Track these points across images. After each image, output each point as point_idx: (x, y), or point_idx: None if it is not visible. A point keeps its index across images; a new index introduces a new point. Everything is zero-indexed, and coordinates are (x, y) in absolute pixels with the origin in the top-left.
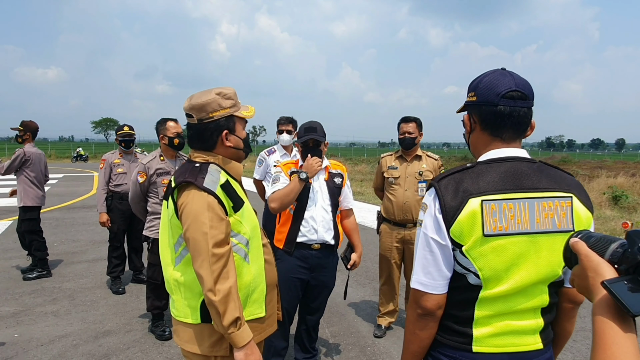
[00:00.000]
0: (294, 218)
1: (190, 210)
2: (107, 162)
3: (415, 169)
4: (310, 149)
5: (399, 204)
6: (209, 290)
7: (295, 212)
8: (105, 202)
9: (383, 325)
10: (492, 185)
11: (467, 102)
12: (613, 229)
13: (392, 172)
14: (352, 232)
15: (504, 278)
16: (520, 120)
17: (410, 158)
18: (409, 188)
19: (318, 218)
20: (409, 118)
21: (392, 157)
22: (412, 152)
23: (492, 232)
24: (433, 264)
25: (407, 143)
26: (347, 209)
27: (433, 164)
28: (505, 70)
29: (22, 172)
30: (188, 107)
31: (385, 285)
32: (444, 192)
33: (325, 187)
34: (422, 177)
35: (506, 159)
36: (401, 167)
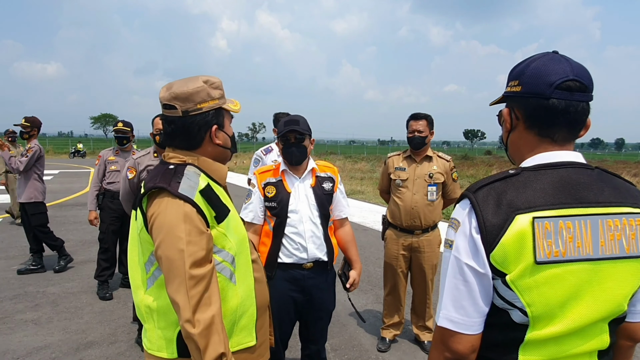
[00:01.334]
0: (274, 235)
1: (163, 222)
2: (102, 158)
3: (425, 170)
4: (292, 145)
5: (407, 209)
6: (186, 321)
7: (275, 228)
8: (97, 199)
9: (387, 338)
10: (544, 198)
11: (508, 93)
12: None
13: (400, 174)
14: (349, 245)
15: (558, 315)
16: (577, 117)
17: (419, 159)
18: (417, 191)
19: (307, 233)
20: (419, 115)
21: (400, 158)
22: (421, 152)
23: (546, 258)
24: (467, 297)
25: (417, 142)
26: (340, 219)
27: (444, 166)
28: (558, 54)
29: (33, 168)
30: (169, 97)
31: (390, 295)
32: (483, 206)
33: (312, 195)
34: (432, 179)
35: (559, 165)
36: (409, 168)
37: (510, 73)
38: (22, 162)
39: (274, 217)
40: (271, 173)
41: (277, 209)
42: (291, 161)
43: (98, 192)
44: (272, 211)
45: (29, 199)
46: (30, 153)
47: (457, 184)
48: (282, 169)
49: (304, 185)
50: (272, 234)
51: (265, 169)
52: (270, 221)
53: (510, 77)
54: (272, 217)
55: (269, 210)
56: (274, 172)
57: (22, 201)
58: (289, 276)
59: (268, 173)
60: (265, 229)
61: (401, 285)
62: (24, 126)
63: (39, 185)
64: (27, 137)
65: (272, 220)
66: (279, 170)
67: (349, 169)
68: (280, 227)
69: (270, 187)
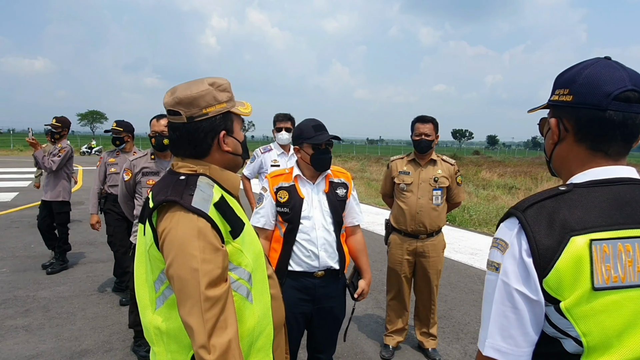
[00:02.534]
0: (284, 242)
1: (175, 238)
2: (103, 160)
3: (430, 174)
4: (323, 151)
5: (412, 213)
6: (201, 346)
7: (286, 234)
8: (99, 203)
9: (391, 345)
10: (600, 218)
11: (555, 102)
12: None
13: (404, 178)
14: (360, 253)
15: (615, 345)
16: (635, 130)
17: (424, 162)
18: (422, 196)
19: (319, 240)
20: (426, 118)
21: (404, 161)
22: (426, 156)
23: (605, 284)
24: (517, 325)
25: (424, 146)
26: (352, 226)
27: (449, 170)
28: (612, 61)
29: (63, 167)
30: (172, 102)
31: (394, 300)
32: (534, 227)
33: (326, 202)
34: (437, 183)
35: (614, 182)
36: (414, 172)
37: (558, 80)
38: (55, 162)
39: (286, 223)
40: (284, 177)
41: (289, 215)
42: (322, 168)
43: (100, 195)
44: (283, 217)
45: (56, 197)
46: (62, 153)
47: (461, 187)
48: (295, 174)
49: (317, 190)
50: (282, 240)
51: (278, 172)
52: (281, 227)
53: (558, 85)
54: (283, 223)
55: (281, 215)
56: (286, 177)
57: (48, 199)
58: (300, 285)
59: (280, 177)
60: (276, 234)
61: (405, 291)
62: (54, 126)
63: (66, 184)
64: (58, 137)
65: (283, 226)
66: (292, 174)
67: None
68: (292, 233)
69: (283, 192)
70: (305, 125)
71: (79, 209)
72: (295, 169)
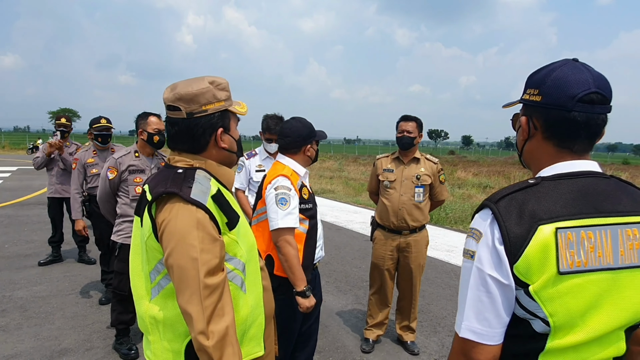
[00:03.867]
0: (308, 238)
1: (175, 229)
2: (79, 162)
3: (413, 172)
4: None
5: (394, 209)
6: (200, 332)
7: (309, 231)
8: (83, 206)
9: (371, 339)
10: (565, 208)
11: (526, 101)
12: None
13: (388, 175)
14: None
15: (579, 324)
16: (598, 129)
17: (407, 160)
18: (405, 193)
19: (321, 231)
20: (410, 117)
21: (389, 159)
22: (409, 153)
23: (569, 268)
24: (491, 308)
25: (405, 142)
26: None
27: (432, 168)
28: (578, 63)
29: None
30: (173, 98)
31: (376, 294)
32: (506, 217)
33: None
34: (419, 181)
35: (578, 175)
36: (397, 170)
37: (529, 79)
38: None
39: (308, 219)
40: (295, 175)
41: (312, 211)
42: (316, 159)
43: (82, 199)
44: (306, 213)
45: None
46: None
47: (444, 186)
48: (304, 172)
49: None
50: (305, 237)
51: (290, 171)
52: (301, 225)
53: (529, 85)
54: (305, 220)
55: (304, 212)
56: (295, 174)
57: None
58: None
59: (294, 176)
60: (296, 233)
61: (388, 286)
62: (66, 125)
63: None
64: (67, 135)
65: (304, 223)
66: (297, 172)
67: (317, 168)
68: (315, 228)
69: (305, 189)
70: (309, 126)
71: None
72: (301, 167)
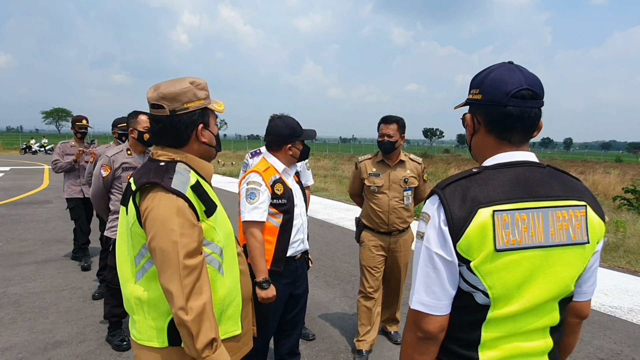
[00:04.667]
0: (281, 232)
1: (157, 215)
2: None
3: (400, 175)
4: (306, 145)
5: (385, 214)
6: (179, 308)
7: (283, 225)
8: None
9: (364, 349)
10: (503, 193)
11: (470, 100)
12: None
13: (375, 180)
14: None
15: (515, 296)
16: (531, 121)
17: (393, 164)
18: (394, 197)
19: (305, 226)
20: (390, 119)
21: (372, 162)
22: (393, 156)
23: (505, 246)
24: (437, 282)
25: (386, 147)
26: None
27: (417, 169)
28: (513, 65)
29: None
30: (157, 97)
31: (367, 300)
32: (450, 201)
33: (299, 189)
34: (407, 184)
35: (516, 164)
36: (384, 174)
37: (472, 81)
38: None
39: (282, 214)
40: (271, 171)
41: (286, 206)
42: (305, 158)
43: None
44: (280, 208)
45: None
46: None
47: (427, 184)
48: (282, 168)
49: (292, 180)
50: (278, 231)
51: (264, 167)
52: (273, 218)
53: (472, 85)
54: (278, 214)
55: (277, 207)
56: (272, 170)
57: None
58: (286, 270)
59: (269, 171)
60: (268, 226)
61: (379, 290)
62: (87, 127)
63: None
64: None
65: (277, 217)
66: (275, 168)
67: (311, 167)
68: (289, 222)
69: (279, 185)
70: (295, 124)
71: (46, 208)
72: (280, 164)
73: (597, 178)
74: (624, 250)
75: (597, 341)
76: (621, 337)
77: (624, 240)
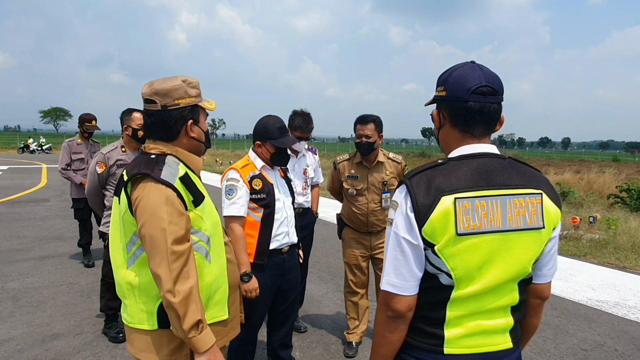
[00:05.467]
0: (262, 226)
1: (147, 204)
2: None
3: (379, 178)
4: (283, 151)
5: (364, 215)
6: (167, 291)
7: (264, 218)
8: None
9: (354, 342)
10: (464, 182)
11: (436, 97)
12: (563, 224)
13: (354, 183)
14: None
15: (476, 277)
16: (491, 116)
17: (371, 165)
18: (372, 199)
19: (290, 220)
20: (366, 118)
21: (349, 163)
22: (372, 157)
23: (465, 230)
24: (404, 265)
25: (365, 149)
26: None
27: (397, 168)
28: (474, 64)
29: None
30: (150, 93)
31: (353, 295)
32: (416, 190)
33: (285, 184)
34: (386, 187)
35: (477, 155)
36: (362, 176)
37: (438, 79)
38: None
39: (262, 208)
40: (250, 167)
41: (266, 200)
42: (280, 164)
43: None
44: (260, 202)
45: None
46: None
47: None
48: (261, 165)
49: (276, 175)
50: (260, 225)
51: (243, 163)
52: (255, 213)
53: (438, 83)
54: (259, 209)
55: (257, 202)
56: (251, 166)
57: None
58: (272, 262)
59: (248, 167)
60: (249, 220)
61: (364, 282)
62: (96, 128)
63: None
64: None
65: (258, 212)
66: (255, 164)
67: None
68: (270, 216)
69: (257, 180)
70: (271, 126)
71: (44, 206)
72: (258, 160)
73: (592, 177)
74: (613, 247)
75: (581, 333)
76: (605, 330)
77: (614, 237)
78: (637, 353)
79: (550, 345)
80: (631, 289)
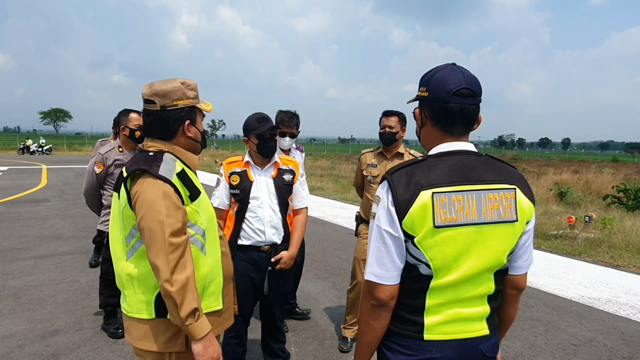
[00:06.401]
0: (236, 220)
1: (145, 198)
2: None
3: None
4: (268, 140)
5: None
6: (165, 280)
7: (237, 212)
8: None
9: (349, 337)
10: (442, 177)
11: (419, 97)
12: (559, 223)
13: (371, 170)
14: (295, 230)
15: (454, 267)
16: (470, 116)
17: (390, 155)
18: None
19: (265, 218)
20: (392, 112)
21: (373, 154)
22: (393, 148)
23: (442, 223)
24: (386, 256)
25: (387, 138)
26: (298, 208)
27: None
28: (455, 66)
29: None
30: (150, 93)
31: (355, 290)
32: (397, 185)
33: (272, 185)
34: None
35: (455, 153)
36: (381, 165)
37: (421, 80)
38: None
39: (237, 203)
40: (237, 164)
41: (240, 196)
42: (268, 155)
43: None
44: (235, 197)
45: None
46: None
47: None
48: (246, 160)
49: (265, 175)
50: (234, 218)
51: (233, 159)
52: (234, 206)
53: (421, 84)
54: (235, 203)
55: (233, 196)
56: (239, 164)
57: None
58: (248, 257)
59: (235, 164)
60: (230, 213)
61: None
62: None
63: None
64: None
65: (235, 205)
66: (243, 161)
67: (309, 166)
68: (242, 212)
69: (235, 176)
70: (250, 119)
71: (44, 206)
72: (247, 156)
73: (590, 177)
74: (607, 246)
75: (572, 329)
76: (596, 326)
77: (609, 236)
78: (625, 348)
79: (540, 341)
80: (623, 286)
